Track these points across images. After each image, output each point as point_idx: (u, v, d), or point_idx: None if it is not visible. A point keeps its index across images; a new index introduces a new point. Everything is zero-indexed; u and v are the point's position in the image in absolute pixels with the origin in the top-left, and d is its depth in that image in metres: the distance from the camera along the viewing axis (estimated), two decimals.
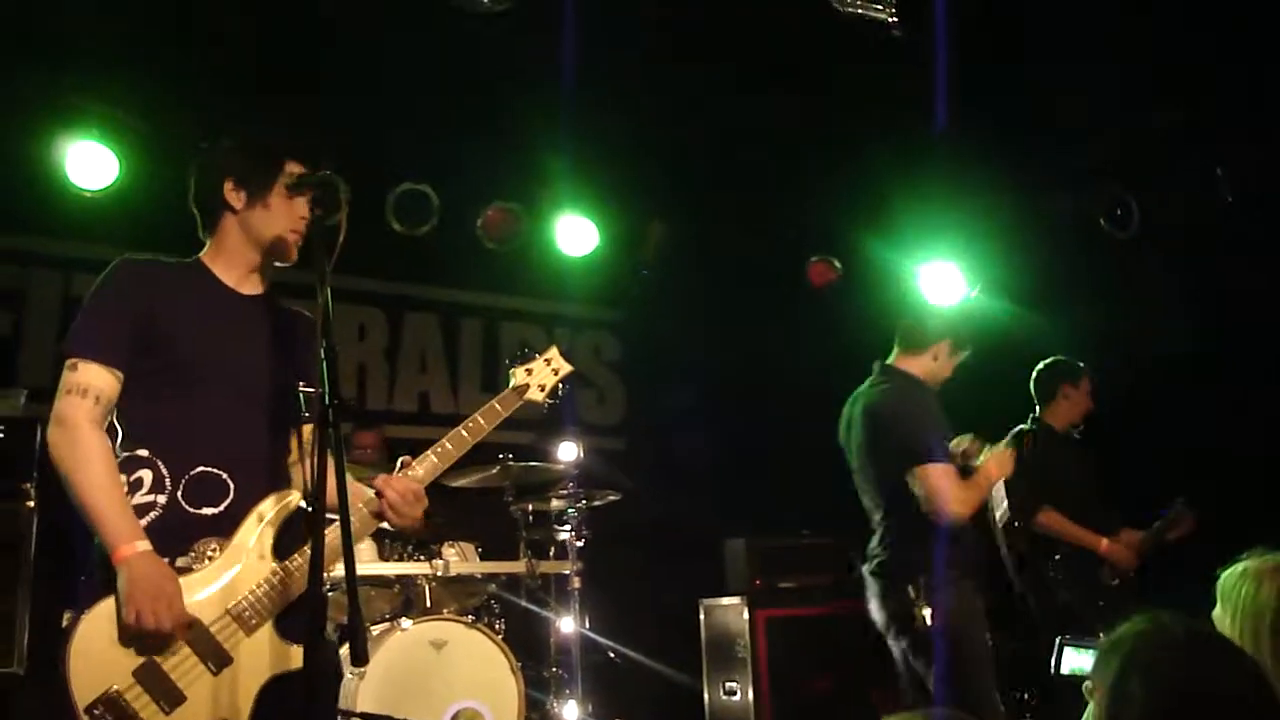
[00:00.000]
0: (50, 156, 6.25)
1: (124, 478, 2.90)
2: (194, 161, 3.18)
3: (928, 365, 4.88)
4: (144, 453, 2.93)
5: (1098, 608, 5.48)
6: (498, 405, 3.26)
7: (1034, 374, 6.05)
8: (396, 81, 6.15)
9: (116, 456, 2.92)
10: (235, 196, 3.08)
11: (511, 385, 3.32)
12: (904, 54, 5.71)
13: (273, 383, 3.06)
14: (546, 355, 3.40)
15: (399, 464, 3.12)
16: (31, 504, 5.28)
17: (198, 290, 3.09)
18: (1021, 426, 5.13)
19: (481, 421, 3.20)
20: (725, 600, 6.72)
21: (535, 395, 3.34)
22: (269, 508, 2.95)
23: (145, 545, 2.77)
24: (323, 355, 2.65)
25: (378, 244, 6.89)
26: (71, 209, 6.41)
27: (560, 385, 3.38)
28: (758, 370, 7.91)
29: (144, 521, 2.85)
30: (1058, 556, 5.67)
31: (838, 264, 8.16)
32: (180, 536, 2.86)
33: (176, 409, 2.95)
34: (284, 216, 3.07)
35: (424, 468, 3.10)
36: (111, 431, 2.96)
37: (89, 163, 6.28)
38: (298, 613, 2.84)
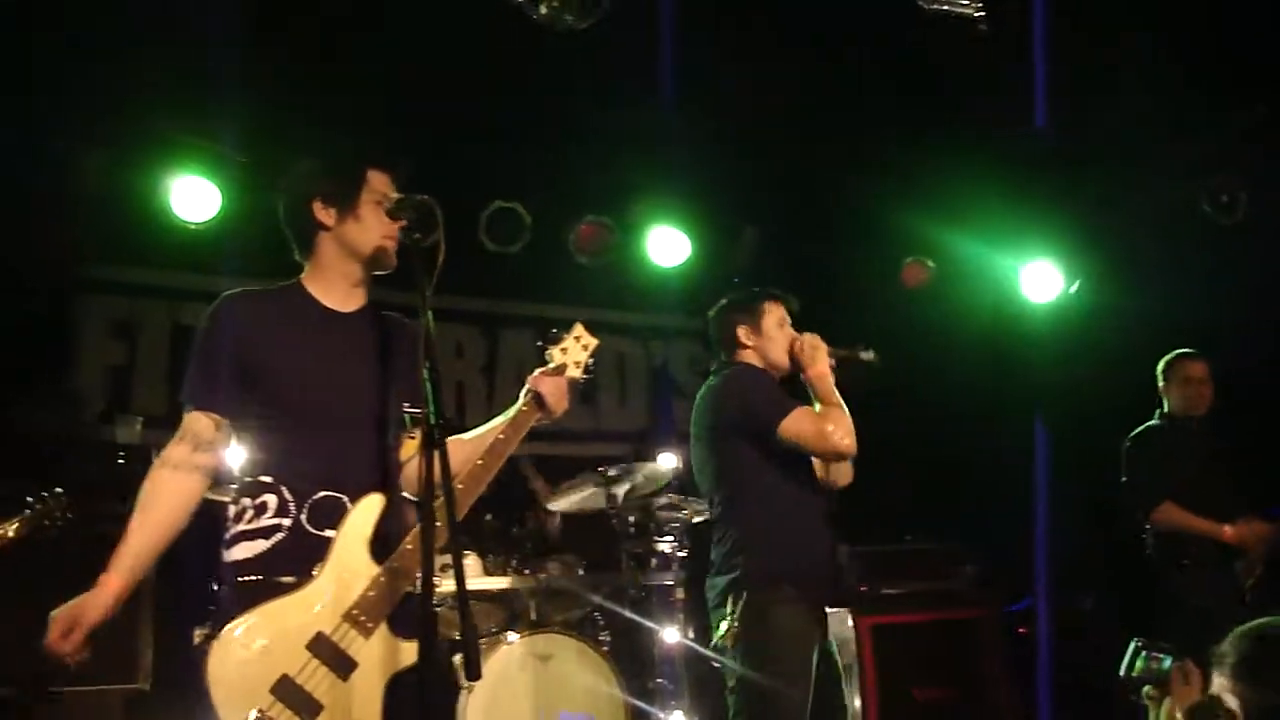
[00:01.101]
0: (155, 190, 6.45)
1: (249, 501, 3.03)
2: (281, 186, 3.26)
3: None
4: (267, 479, 3.03)
5: (1235, 618, 5.34)
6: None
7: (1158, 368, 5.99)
8: (484, 99, 6.23)
9: (243, 480, 3.07)
10: (325, 214, 3.14)
11: (551, 365, 3.42)
12: (999, 51, 5.66)
13: (379, 399, 3.13)
14: (575, 333, 3.50)
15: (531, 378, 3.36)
16: None
17: (297, 315, 3.16)
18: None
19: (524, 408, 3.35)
20: (830, 608, 6.67)
21: (573, 373, 3.43)
22: (364, 513, 3.00)
23: (117, 581, 3.02)
24: (426, 376, 2.70)
25: (471, 262, 6.98)
26: (177, 241, 6.61)
27: (591, 359, 3.50)
28: (853, 374, 7.85)
29: (271, 542, 2.97)
30: (1185, 562, 5.53)
31: (931, 264, 8.09)
32: (306, 558, 2.94)
33: (291, 436, 3.05)
34: (377, 225, 3.12)
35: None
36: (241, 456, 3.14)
37: (192, 196, 6.47)
38: (407, 611, 2.91)
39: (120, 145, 6.39)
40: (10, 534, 4.30)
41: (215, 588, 3.08)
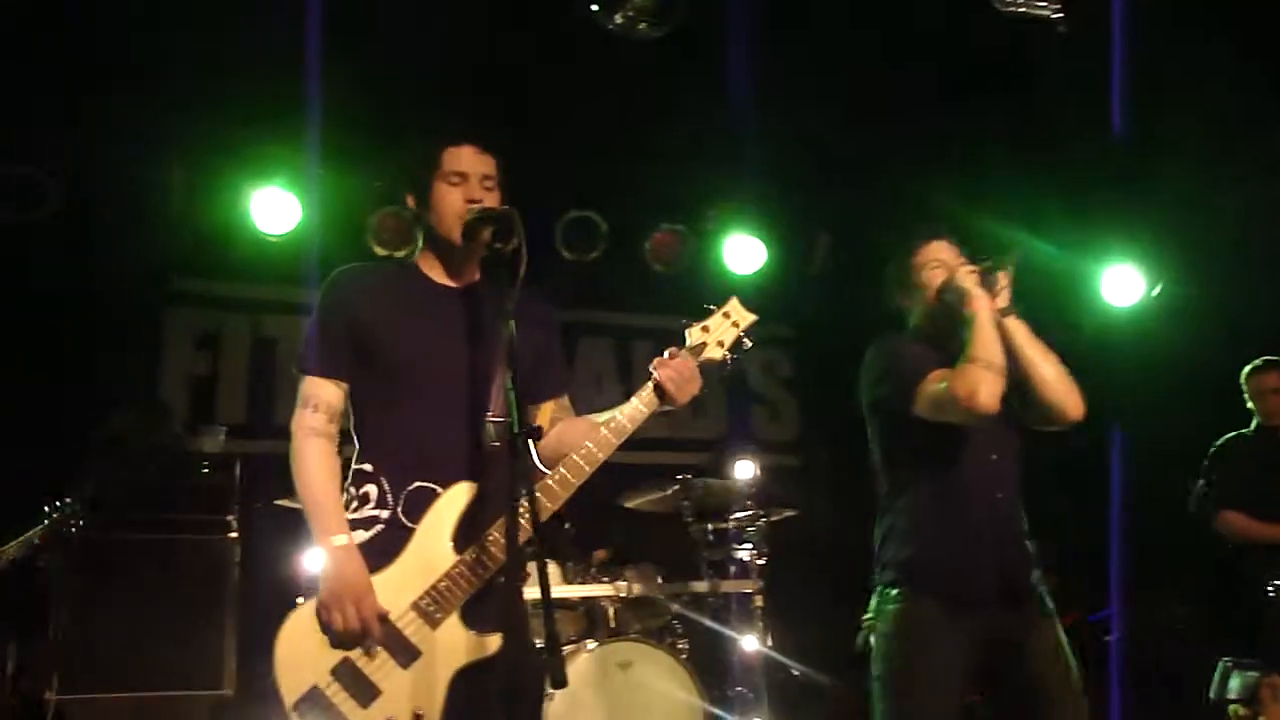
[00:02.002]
0: (236, 203, 6.57)
1: (353, 490, 3.03)
2: (378, 184, 3.30)
3: None
4: (369, 467, 3.03)
5: None
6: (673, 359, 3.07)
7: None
8: (558, 110, 6.27)
9: (353, 469, 3.05)
10: (412, 201, 3.17)
11: (687, 345, 3.10)
12: (1083, 54, 5.59)
13: (483, 382, 3.06)
14: (726, 309, 3.14)
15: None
16: (234, 535, 5.55)
17: (407, 291, 3.14)
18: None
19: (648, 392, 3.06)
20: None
21: (714, 353, 3.10)
22: (448, 502, 2.98)
23: (343, 539, 2.89)
24: (509, 386, 2.69)
25: (548, 271, 6.99)
26: (258, 253, 6.73)
27: (743, 338, 3.14)
28: None
29: (370, 533, 2.96)
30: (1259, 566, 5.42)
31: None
32: (400, 552, 2.94)
33: (395, 419, 3.03)
34: (451, 204, 3.08)
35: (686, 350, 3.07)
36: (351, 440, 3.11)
37: (273, 208, 6.58)
38: (483, 604, 2.90)
39: (201, 159, 6.52)
40: (36, 540, 4.49)
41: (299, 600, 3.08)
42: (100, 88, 5.75)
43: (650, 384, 3.03)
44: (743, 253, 7.63)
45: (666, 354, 3.05)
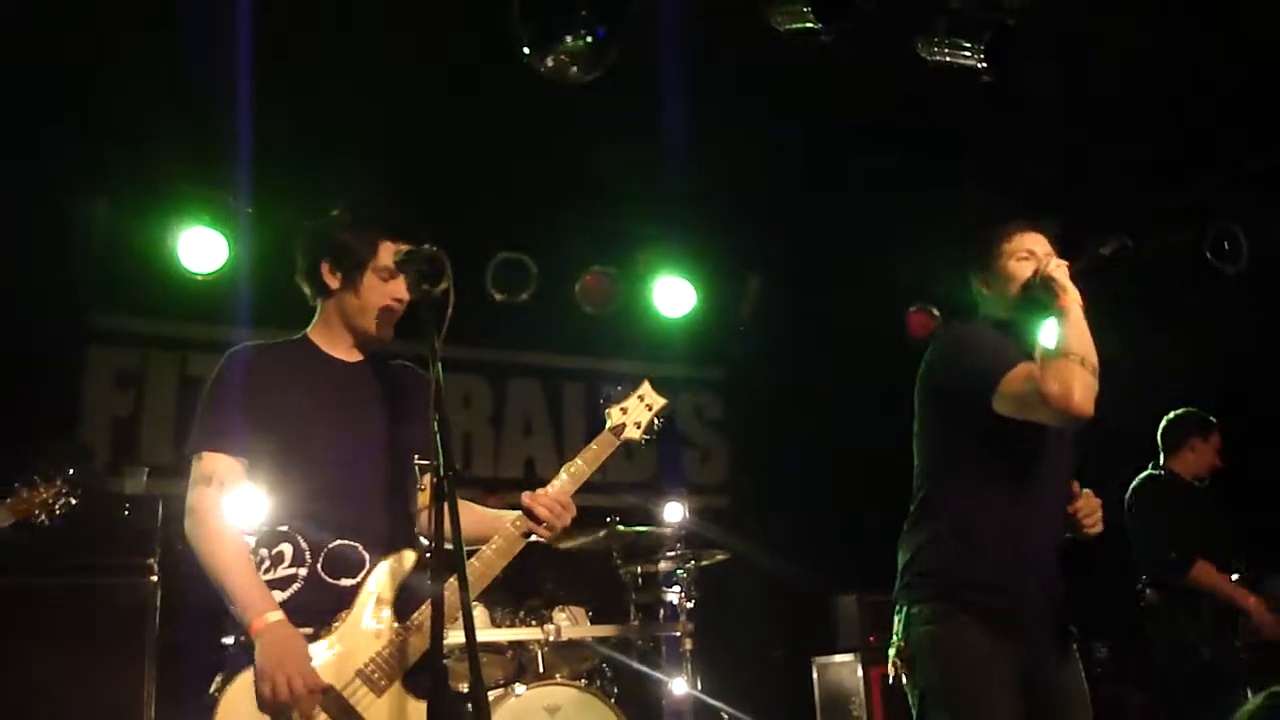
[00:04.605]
0: (163, 242, 6.49)
1: (266, 552, 3.01)
2: (298, 239, 3.27)
3: None
4: (283, 528, 3.03)
5: (1242, 668, 5.29)
6: (595, 447, 3.24)
7: (1163, 423, 5.92)
8: (488, 151, 6.28)
9: (263, 530, 3.04)
10: (332, 278, 3.17)
11: (608, 426, 3.29)
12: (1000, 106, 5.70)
13: (391, 447, 3.14)
14: (640, 391, 3.35)
15: (523, 497, 3.14)
16: (155, 578, 5.43)
17: (305, 368, 3.17)
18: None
19: (581, 464, 3.19)
20: (838, 658, 6.63)
21: (632, 433, 3.29)
22: (389, 570, 3.01)
23: (277, 616, 2.86)
24: (435, 427, 2.68)
25: (478, 313, 7.00)
26: (185, 292, 6.64)
27: (657, 420, 3.33)
28: (860, 422, 7.85)
29: (288, 593, 2.95)
30: (1203, 609, 5.49)
31: (936, 312, 8.13)
32: (323, 608, 2.94)
33: (305, 486, 3.04)
34: (376, 299, 3.13)
35: (560, 485, 3.13)
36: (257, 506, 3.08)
37: (200, 247, 6.51)
38: (423, 670, 2.90)
39: (128, 196, 6.44)
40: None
41: (227, 641, 3.04)
42: (24, 122, 5.67)
43: (521, 514, 3.11)
44: (673, 295, 7.68)
45: (523, 496, 3.15)
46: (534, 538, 3.13)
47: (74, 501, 3.68)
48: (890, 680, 3.41)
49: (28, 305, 6.29)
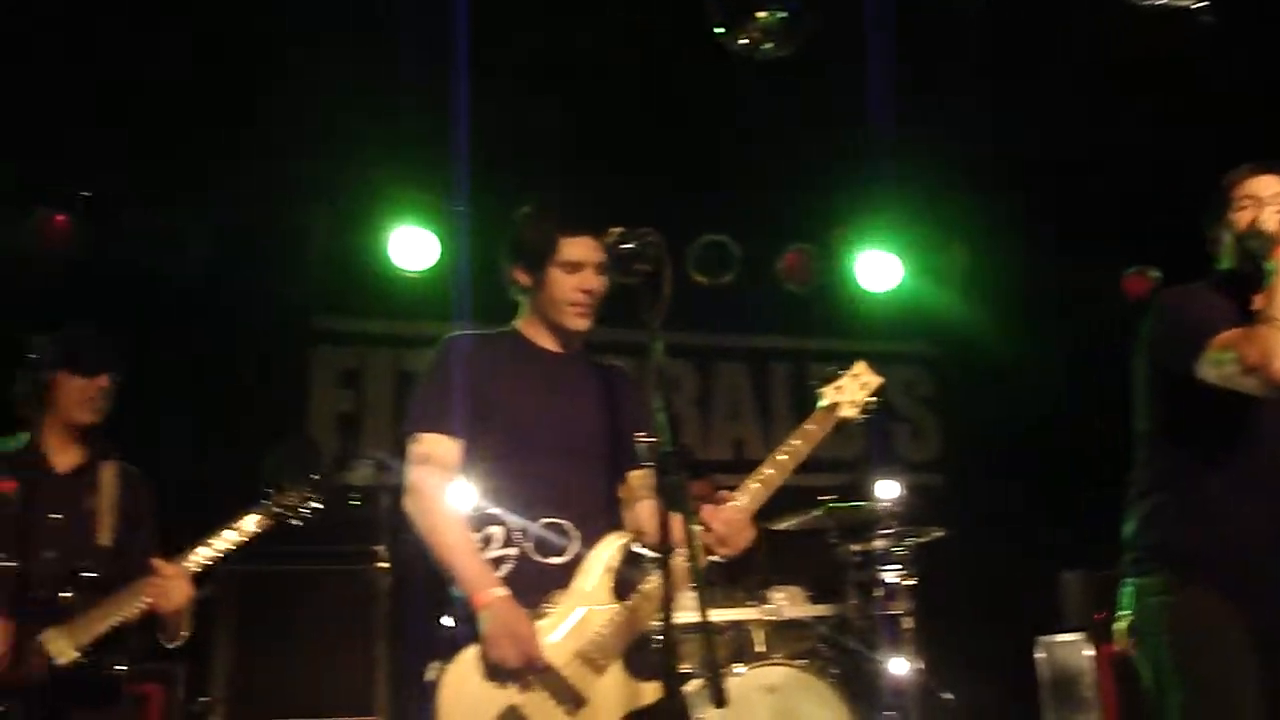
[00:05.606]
0: (376, 243, 6.73)
1: (476, 534, 3.09)
2: (501, 243, 3.34)
3: None
4: (492, 510, 3.11)
5: None
6: (811, 426, 3.21)
7: None
8: (688, 136, 6.28)
9: (471, 514, 3.12)
10: (523, 276, 3.25)
11: (823, 405, 3.25)
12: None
13: (599, 433, 3.20)
14: (854, 371, 3.30)
15: (719, 498, 3.11)
16: (385, 565, 5.66)
17: (516, 356, 3.26)
18: None
19: (798, 443, 3.15)
20: (1064, 637, 6.40)
21: (848, 412, 3.25)
22: (605, 551, 3.06)
23: (502, 591, 2.94)
24: (659, 406, 2.71)
25: (682, 297, 6.98)
26: (399, 291, 6.88)
27: (871, 399, 3.28)
28: (1080, 391, 7.57)
29: (499, 574, 3.03)
30: None
31: (1154, 273, 7.78)
32: (534, 586, 3.00)
33: (516, 468, 3.12)
34: (562, 293, 3.19)
35: (747, 496, 3.07)
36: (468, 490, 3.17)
37: (412, 246, 6.73)
38: (644, 651, 2.95)
39: (343, 200, 6.70)
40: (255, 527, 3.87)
41: (448, 622, 3.14)
42: (245, 136, 5.95)
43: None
44: (877, 270, 7.56)
45: (719, 496, 3.08)
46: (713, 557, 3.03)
47: (319, 505, 3.86)
48: (1122, 655, 3.30)
49: (256, 312, 6.64)
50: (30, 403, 3.74)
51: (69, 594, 3.59)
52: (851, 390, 3.26)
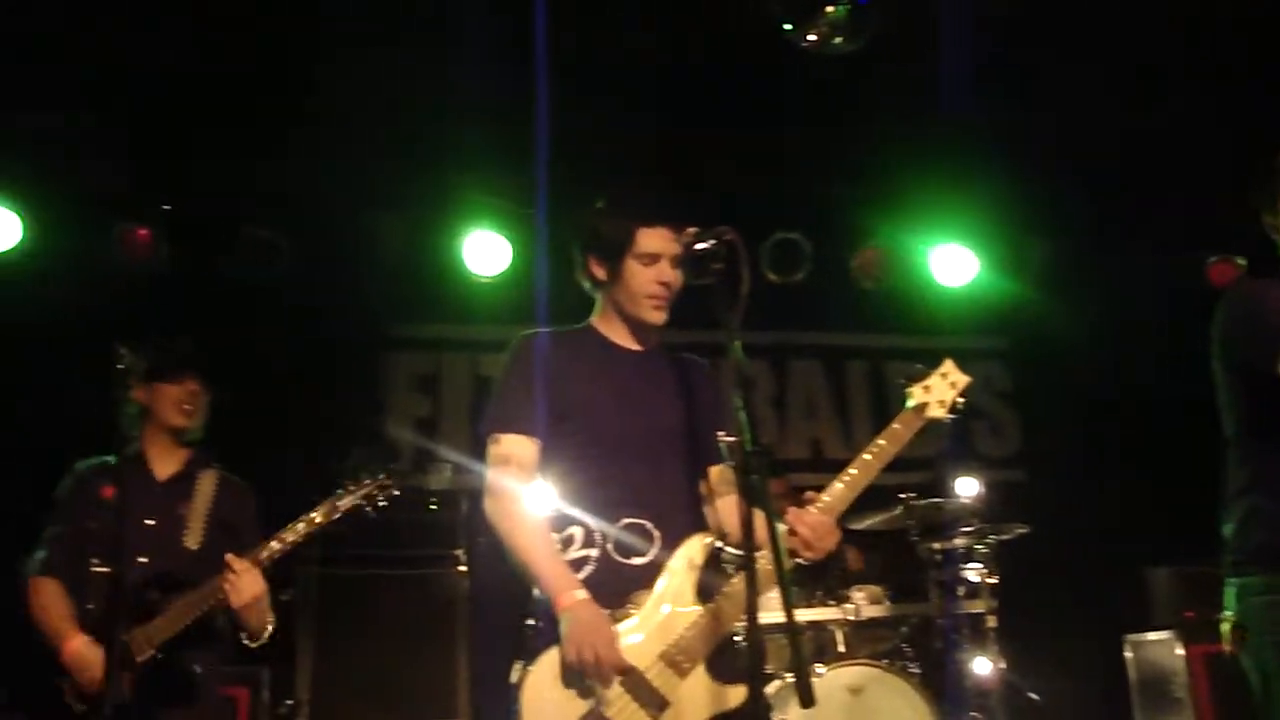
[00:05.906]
0: (449, 248, 6.79)
1: (556, 535, 3.08)
2: (570, 239, 3.33)
3: None
4: (574, 511, 3.09)
5: None
6: (898, 426, 3.16)
7: None
8: (760, 133, 6.26)
9: (551, 515, 3.11)
10: (599, 270, 3.22)
11: (911, 405, 3.20)
12: None
13: (678, 430, 3.17)
14: (942, 370, 3.24)
15: (804, 499, 3.08)
16: (463, 568, 5.70)
17: (593, 354, 3.24)
18: None
19: (885, 444, 3.10)
20: (1153, 635, 6.27)
21: (937, 412, 3.19)
22: (688, 552, 3.02)
23: (583, 594, 2.92)
24: (739, 404, 2.69)
25: (755, 296, 6.96)
26: (472, 296, 6.93)
27: (960, 399, 3.22)
28: (1162, 384, 7.42)
29: (581, 575, 3.00)
30: None
31: (1241, 261, 7.59)
32: (616, 588, 2.99)
33: (596, 467, 3.10)
34: (640, 286, 3.15)
35: (833, 497, 3.04)
36: (546, 491, 3.16)
37: (484, 251, 6.77)
38: (727, 653, 2.92)
39: (417, 208, 6.77)
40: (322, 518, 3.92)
41: (530, 623, 3.13)
42: (321, 148, 6.02)
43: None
44: (953, 264, 7.47)
45: (805, 497, 3.04)
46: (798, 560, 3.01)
47: (395, 493, 3.89)
48: (1219, 654, 3.21)
49: (332, 320, 6.73)
50: (128, 413, 3.83)
51: (154, 596, 3.67)
52: (940, 389, 3.21)
